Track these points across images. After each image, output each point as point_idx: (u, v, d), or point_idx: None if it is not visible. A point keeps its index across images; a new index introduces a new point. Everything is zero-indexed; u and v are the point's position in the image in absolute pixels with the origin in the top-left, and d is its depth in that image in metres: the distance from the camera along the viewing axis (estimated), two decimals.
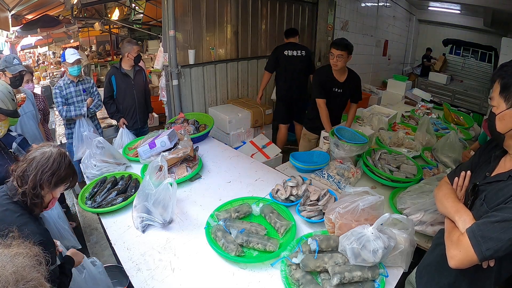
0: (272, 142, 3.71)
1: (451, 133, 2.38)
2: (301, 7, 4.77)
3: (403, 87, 4.67)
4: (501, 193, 0.92)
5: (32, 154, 1.05)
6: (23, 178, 1.01)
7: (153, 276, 1.28)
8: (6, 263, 0.67)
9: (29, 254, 0.73)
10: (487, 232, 0.87)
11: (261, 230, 1.44)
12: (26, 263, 0.69)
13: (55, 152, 1.05)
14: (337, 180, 1.99)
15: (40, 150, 1.06)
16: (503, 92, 0.94)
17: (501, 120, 0.96)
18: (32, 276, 0.67)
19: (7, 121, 1.50)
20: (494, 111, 0.99)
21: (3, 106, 1.43)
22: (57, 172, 1.04)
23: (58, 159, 1.04)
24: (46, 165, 1.02)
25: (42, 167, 1.01)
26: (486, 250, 0.86)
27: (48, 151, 1.05)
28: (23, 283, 0.65)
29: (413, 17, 8.76)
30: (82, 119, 2.89)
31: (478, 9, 6.26)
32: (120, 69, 3.05)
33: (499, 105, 0.96)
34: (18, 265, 0.68)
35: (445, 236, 1.03)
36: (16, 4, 4.48)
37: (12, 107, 1.47)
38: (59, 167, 1.04)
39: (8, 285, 0.63)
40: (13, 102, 1.48)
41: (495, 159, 1.06)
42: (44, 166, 1.02)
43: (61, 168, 1.05)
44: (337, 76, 2.65)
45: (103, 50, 9.75)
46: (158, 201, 1.50)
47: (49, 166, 1.02)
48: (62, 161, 1.06)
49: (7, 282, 0.63)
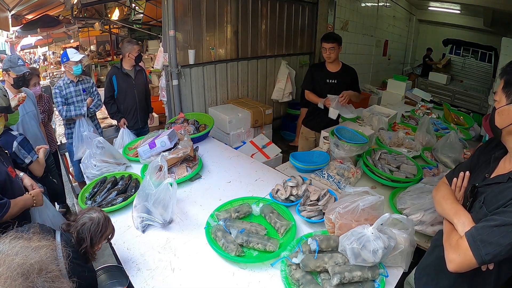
0: (272, 142, 3.72)
1: (451, 133, 2.38)
2: (301, 7, 4.77)
3: (403, 87, 4.67)
4: (500, 195, 0.92)
5: (82, 219, 1.24)
6: (79, 239, 1.22)
7: (153, 276, 1.28)
8: (29, 253, 0.71)
9: (51, 247, 0.78)
10: (487, 237, 0.86)
11: (261, 230, 1.44)
12: (48, 255, 0.74)
13: (102, 218, 1.27)
14: (337, 180, 1.99)
15: (88, 216, 1.26)
16: (505, 88, 0.96)
17: (500, 115, 0.97)
18: (52, 268, 0.71)
19: (3, 119, 1.50)
20: (495, 105, 1.00)
21: None
22: (105, 233, 1.28)
23: (104, 224, 1.27)
24: (97, 230, 1.24)
25: (95, 232, 1.23)
26: (486, 254, 0.85)
27: (95, 217, 1.26)
28: (45, 272, 0.69)
29: (413, 17, 8.77)
30: (82, 119, 2.88)
31: (478, 9, 6.26)
32: (121, 69, 3.04)
33: (500, 100, 0.98)
34: (42, 256, 0.72)
35: (443, 239, 1.02)
36: (16, 4, 4.48)
37: (5, 103, 1.48)
38: (106, 229, 1.28)
39: (33, 272, 0.66)
40: (5, 98, 1.50)
41: (494, 160, 1.05)
42: (95, 231, 1.23)
43: (107, 229, 1.28)
44: (330, 68, 2.73)
45: (103, 50, 9.76)
46: (158, 201, 1.50)
47: (99, 230, 1.24)
48: (107, 224, 1.29)
49: (32, 269, 0.67)
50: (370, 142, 2.41)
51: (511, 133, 0.96)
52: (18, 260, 0.66)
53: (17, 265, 0.65)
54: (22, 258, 0.68)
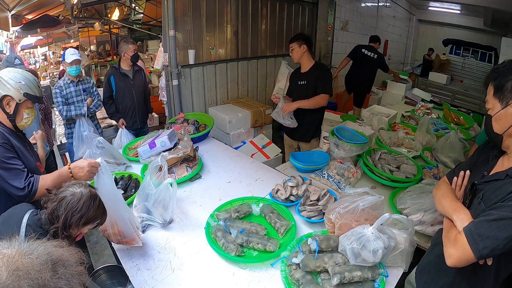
0: (272, 142, 3.72)
1: (451, 133, 2.38)
2: (301, 7, 4.76)
3: (403, 87, 4.68)
4: (498, 191, 0.93)
5: (63, 193, 1.05)
6: (53, 217, 1.03)
7: (153, 276, 1.28)
8: (52, 249, 0.68)
9: (70, 248, 0.74)
10: (484, 231, 0.87)
11: (261, 230, 1.44)
12: (71, 252, 0.71)
13: (85, 195, 1.05)
14: (337, 180, 1.99)
15: (71, 190, 1.06)
16: (497, 93, 0.95)
17: (498, 121, 0.97)
18: (75, 267, 0.68)
19: (34, 109, 1.49)
20: (490, 113, 0.99)
21: (31, 92, 1.41)
22: (86, 214, 1.05)
23: (87, 202, 1.05)
24: (76, 208, 1.02)
25: (72, 210, 1.02)
26: (483, 248, 0.86)
27: (78, 192, 1.05)
28: (67, 266, 0.66)
29: (413, 17, 8.77)
30: (82, 119, 2.89)
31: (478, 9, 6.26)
32: (119, 69, 3.04)
33: (494, 106, 0.97)
34: (64, 252, 0.69)
35: (443, 235, 1.03)
36: (16, 4, 4.48)
37: (38, 93, 1.46)
38: (88, 210, 1.05)
39: (49, 263, 0.64)
40: (39, 89, 1.47)
41: (493, 158, 1.07)
42: (73, 208, 1.02)
43: (90, 211, 1.06)
44: (302, 69, 2.61)
45: (103, 50, 9.76)
46: (158, 201, 1.50)
47: (78, 209, 1.03)
48: (92, 204, 1.06)
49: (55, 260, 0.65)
50: (370, 142, 2.42)
51: (511, 135, 0.96)
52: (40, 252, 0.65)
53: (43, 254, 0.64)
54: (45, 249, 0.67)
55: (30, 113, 1.46)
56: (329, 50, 5.36)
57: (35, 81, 1.45)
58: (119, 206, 1.33)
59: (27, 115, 1.45)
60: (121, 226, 1.33)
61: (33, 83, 1.43)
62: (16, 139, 1.41)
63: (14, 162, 1.31)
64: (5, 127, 1.40)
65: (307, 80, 2.53)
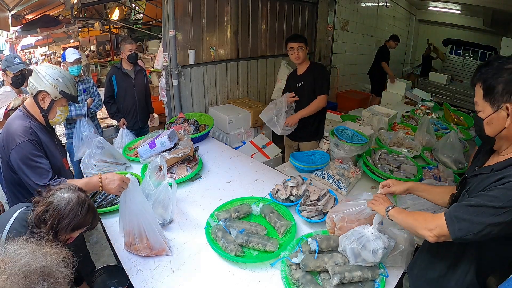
0: (272, 142, 3.71)
1: (451, 133, 2.38)
2: (301, 7, 4.76)
3: (403, 87, 4.67)
4: (482, 183, 0.95)
5: (51, 197, 1.01)
6: (40, 221, 0.99)
7: (153, 276, 1.28)
8: (37, 257, 0.71)
9: (60, 256, 0.77)
10: (461, 214, 0.92)
11: (261, 230, 1.44)
12: (55, 262, 0.74)
13: (73, 200, 1.01)
14: (337, 180, 1.99)
15: (59, 194, 1.02)
16: (487, 96, 0.93)
17: (489, 124, 0.95)
18: (58, 275, 0.72)
19: (67, 107, 1.48)
20: (480, 116, 0.98)
21: (67, 91, 1.41)
22: (73, 221, 1.01)
23: (75, 209, 1.00)
24: (63, 214, 0.99)
25: (58, 216, 0.98)
26: (458, 230, 0.91)
27: (65, 197, 1.01)
28: (48, 278, 0.69)
29: (413, 17, 8.77)
30: (83, 119, 2.88)
31: (478, 9, 6.27)
32: (121, 69, 3.04)
33: (484, 109, 0.95)
34: (49, 262, 0.72)
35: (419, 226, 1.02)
36: (16, 4, 4.48)
37: (74, 92, 1.45)
38: (75, 216, 1.01)
39: (35, 274, 0.67)
40: (75, 88, 1.46)
41: (484, 154, 1.08)
42: (60, 215, 0.98)
43: (78, 217, 1.01)
44: (299, 71, 2.58)
45: (103, 50, 9.76)
46: (158, 201, 1.50)
47: (65, 215, 0.99)
48: (79, 210, 1.02)
49: (35, 271, 0.67)
50: (370, 142, 2.41)
51: (503, 137, 0.95)
52: (24, 261, 0.68)
53: (22, 265, 0.66)
54: (29, 260, 0.69)
55: (63, 110, 1.46)
56: (329, 50, 5.37)
57: (72, 80, 1.45)
58: (150, 220, 1.33)
59: (61, 112, 1.45)
60: (151, 239, 1.34)
61: (70, 82, 1.43)
62: (45, 134, 1.42)
63: (40, 160, 1.32)
64: (37, 121, 1.41)
65: (304, 82, 2.52)
